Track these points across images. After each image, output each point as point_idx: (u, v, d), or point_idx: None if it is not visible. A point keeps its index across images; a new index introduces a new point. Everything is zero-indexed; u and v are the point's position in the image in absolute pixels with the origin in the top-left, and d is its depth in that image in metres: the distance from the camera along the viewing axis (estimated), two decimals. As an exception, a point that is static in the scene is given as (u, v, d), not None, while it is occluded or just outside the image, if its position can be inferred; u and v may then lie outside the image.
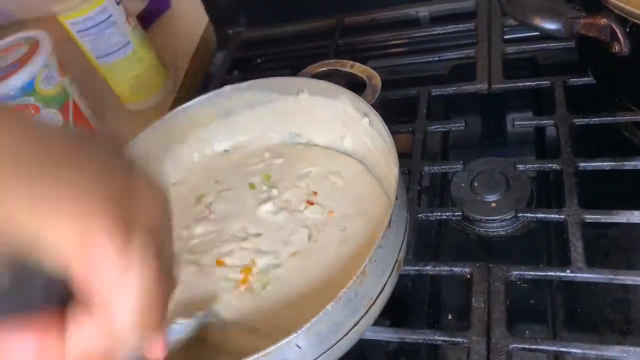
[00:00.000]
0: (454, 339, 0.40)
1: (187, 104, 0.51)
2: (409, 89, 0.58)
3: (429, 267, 0.44)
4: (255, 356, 0.31)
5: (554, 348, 0.38)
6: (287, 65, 0.71)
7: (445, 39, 0.65)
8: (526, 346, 0.38)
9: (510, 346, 0.38)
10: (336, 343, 0.35)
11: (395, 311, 0.47)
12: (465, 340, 0.39)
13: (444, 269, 0.44)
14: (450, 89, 0.58)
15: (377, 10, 0.70)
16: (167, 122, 0.51)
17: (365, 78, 0.48)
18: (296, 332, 0.32)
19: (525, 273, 0.42)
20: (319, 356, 0.35)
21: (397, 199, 0.37)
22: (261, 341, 0.33)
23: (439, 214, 0.48)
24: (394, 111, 0.58)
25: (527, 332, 0.43)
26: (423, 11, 0.68)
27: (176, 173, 0.53)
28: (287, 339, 0.32)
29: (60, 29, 0.66)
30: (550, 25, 0.44)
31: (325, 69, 0.51)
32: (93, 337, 0.23)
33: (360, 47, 0.69)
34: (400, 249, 0.39)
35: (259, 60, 0.76)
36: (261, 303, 0.41)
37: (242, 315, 0.41)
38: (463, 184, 0.51)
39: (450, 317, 0.46)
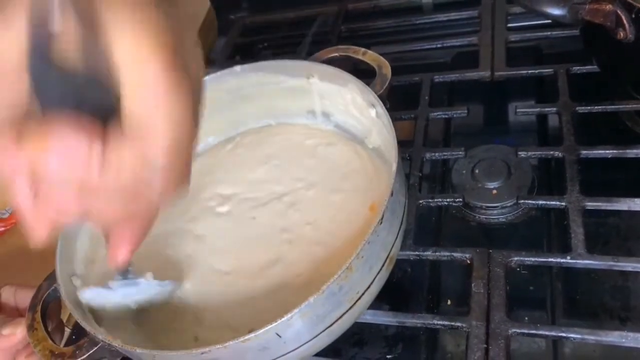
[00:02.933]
0: (453, 324, 0.40)
1: None
2: (412, 76, 0.58)
3: (429, 252, 0.44)
4: (235, 342, 0.31)
5: (553, 333, 0.38)
6: (289, 51, 0.71)
7: (448, 26, 0.65)
8: (525, 331, 0.38)
9: (510, 331, 0.38)
10: (318, 335, 0.35)
11: (395, 296, 0.47)
12: (464, 325, 0.39)
13: (444, 255, 0.44)
14: (453, 76, 0.57)
15: (380, -4, 0.70)
16: None
17: (375, 67, 0.47)
18: (276, 322, 0.32)
19: (526, 259, 0.42)
20: (300, 346, 0.35)
21: (392, 195, 0.36)
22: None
23: (440, 200, 0.48)
24: (396, 98, 0.58)
25: (526, 318, 0.43)
26: (426, -2, 0.67)
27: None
28: (266, 327, 0.32)
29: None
30: (555, 11, 0.44)
31: (336, 54, 0.50)
32: (127, 155, 0.24)
33: (363, 34, 0.69)
34: (393, 244, 0.38)
35: (260, 46, 0.76)
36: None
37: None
38: (464, 171, 0.51)
39: (449, 302, 0.46)
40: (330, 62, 0.48)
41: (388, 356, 0.44)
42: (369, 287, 0.36)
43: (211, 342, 0.32)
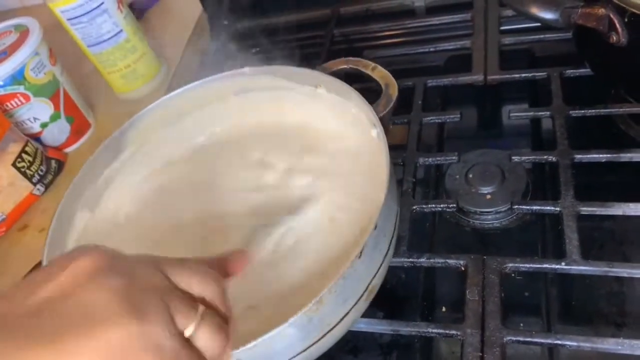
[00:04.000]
0: (448, 332, 0.39)
1: (206, 79, 0.51)
2: (405, 80, 0.58)
3: (423, 259, 0.44)
4: None
5: (548, 341, 0.38)
6: (281, 55, 0.70)
7: (441, 29, 0.65)
8: (520, 338, 0.38)
9: (505, 339, 0.38)
10: None
11: (389, 303, 0.47)
12: (459, 333, 0.39)
13: (438, 261, 0.44)
14: (446, 80, 0.57)
15: (372, 0, 0.69)
16: (183, 95, 0.51)
17: (382, 85, 0.47)
18: (238, 349, 0.31)
19: (520, 265, 0.42)
20: None
21: (375, 228, 0.35)
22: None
23: (434, 205, 0.48)
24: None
25: (522, 324, 0.42)
26: (419, 1, 0.67)
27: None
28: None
29: (51, 16, 0.65)
30: (547, 15, 0.44)
31: (345, 66, 0.50)
32: None
33: (356, 38, 0.69)
34: (375, 275, 0.37)
35: (252, 50, 0.75)
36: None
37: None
38: (458, 176, 0.50)
39: (444, 309, 0.46)
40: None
41: (383, 364, 0.44)
42: (342, 318, 0.36)
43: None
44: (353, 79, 0.49)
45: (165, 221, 0.47)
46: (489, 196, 0.48)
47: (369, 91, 0.49)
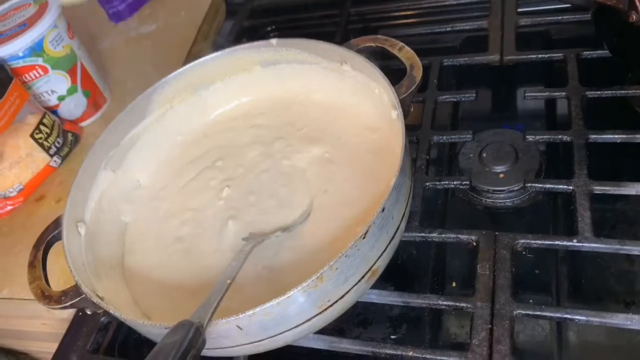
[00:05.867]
0: (458, 304, 0.40)
1: (232, 48, 0.52)
2: (421, 59, 0.57)
3: (434, 234, 0.44)
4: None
5: (557, 315, 0.38)
6: (297, 34, 0.70)
7: (458, 10, 0.65)
8: (530, 312, 0.39)
9: (514, 312, 0.38)
10: (281, 333, 0.36)
11: (400, 277, 0.47)
12: (469, 305, 0.40)
13: (450, 236, 0.44)
14: (462, 60, 0.57)
15: (389, -21, 0.69)
16: (207, 64, 0.52)
17: (407, 66, 0.46)
18: (238, 315, 0.32)
19: (532, 242, 0.42)
20: (261, 340, 0.36)
21: (382, 210, 0.35)
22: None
23: (447, 182, 0.48)
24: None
25: (531, 300, 0.43)
26: (436, -19, 0.67)
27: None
28: (230, 318, 0.32)
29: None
30: (567, -7, 0.44)
31: (373, 44, 0.49)
32: None
33: (372, 17, 0.69)
34: (379, 257, 0.37)
35: (268, 29, 0.75)
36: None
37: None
38: (472, 155, 0.51)
39: (454, 284, 0.46)
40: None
41: (392, 336, 0.45)
42: (342, 296, 0.36)
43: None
44: (377, 56, 0.49)
45: (183, 187, 0.48)
46: (502, 175, 0.48)
47: (392, 69, 0.49)
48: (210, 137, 0.52)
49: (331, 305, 0.36)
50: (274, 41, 0.50)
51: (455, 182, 0.48)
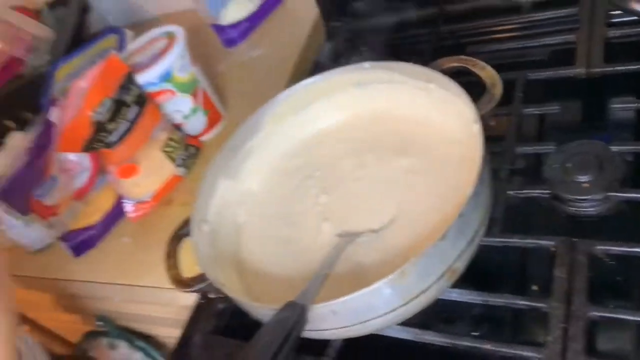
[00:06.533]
0: (534, 304, 0.43)
1: (330, 71, 0.58)
2: (507, 73, 0.61)
3: (515, 240, 0.48)
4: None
5: (635, 318, 0.40)
6: (390, 52, 0.76)
7: (546, 24, 0.66)
8: (606, 315, 0.41)
9: (590, 313, 0.41)
10: (369, 320, 0.41)
11: (483, 281, 0.51)
12: (545, 305, 0.42)
13: (529, 242, 0.47)
14: (547, 73, 0.59)
15: (478, -2, 0.72)
16: (309, 86, 0.59)
17: (488, 84, 0.51)
18: (334, 301, 0.38)
19: (610, 248, 0.44)
20: (352, 325, 0.41)
21: (460, 216, 0.40)
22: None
23: (528, 192, 0.51)
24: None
25: (611, 305, 0.44)
26: (525, -3, 0.69)
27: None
28: (327, 303, 0.39)
29: (190, 21, 0.77)
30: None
31: (457, 64, 0.55)
32: None
33: (461, 34, 0.72)
34: (457, 258, 0.42)
35: (363, 49, 0.81)
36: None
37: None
38: (556, 165, 0.53)
39: (536, 288, 0.49)
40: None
41: (473, 333, 0.48)
42: (424, 291, 0.41)
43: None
44: (462, 72, 0.54)
45: (287, 193, 0.56)
46: (585, 184, 0.50)
47: (475, 85, 0.53)
48: (310, 150, 0.60)
49: (414, 298, 0.41)
50: (366, 64, 0.56)
51: (537, 191, 0.51)
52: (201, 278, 0.47)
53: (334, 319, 0.40)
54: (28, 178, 0.63)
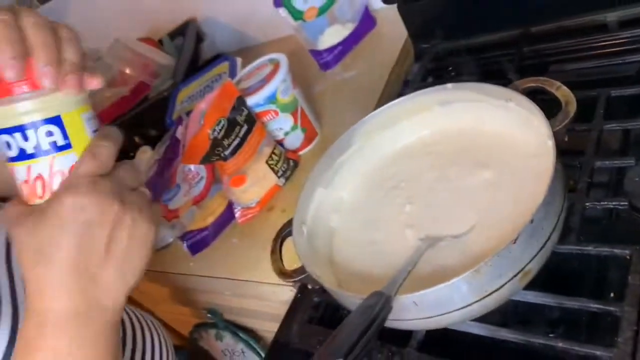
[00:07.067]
0: (607, 307, 0.46)
1: (415, 92, 0.65)
2: (589, 91, 0.63)
3: (590, 248, 0.50)
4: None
5: None
6: (475, 72, 0.81)
7: (632, 42, 0.68)
8: (678, 320, 0.43)
9: (661, 318, 0.43)
10: (447, 313, 0.47)
11: (559, 287, 0.54)
12: (617, 310, 0.45)
13: (604, 250, 0.50)
14: (630, 90, 0.61)
15: (564, 18, 0.75)
16: (397, 106, 0.65)
17: (563, 102, 0.54)
18: (416, 293, 0.44)
19: (685, 258, 0.46)
20: (430, 317, 0.47)
21: (531, 222, 0.44)
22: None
23: (606, 203, 0.53)
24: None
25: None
26: (611, 16, 0.70)
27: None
28: (409, 294, 0.45)
29: (289, 46, 0.86)
30: None
31: (534, 84, 0.59)
32: None
33: (545, 53, 0.75)
34: (530, 261, 0.45)
35: (449, 69, 0.87)
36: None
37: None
38: (637, 178, 0.55)
39: (612, 295, 0.51)
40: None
41: (550, 335, 0.51)
42: (497, 289, 0.46)
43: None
44: (540, 91, 0.58)
45: (375, 202, 0.63)
46: (665, 198, 0.52)
47: (554, 103, 0.57)
48: (396, 163, 0.66)
49: (488, 295, 0.46)
50: (449, 85, 0.62)
51: (613, 203, 0.53)
52: (301, 271, 0.55)
53: (415, 310, 0.46)
54: (159, 185, 0.75)
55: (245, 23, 1.24)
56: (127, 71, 1.15)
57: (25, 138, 0.39)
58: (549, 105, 0.56)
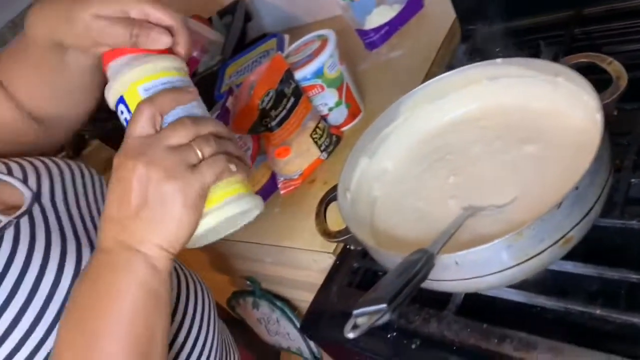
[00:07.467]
0: (647, 278, 0.46)
1: (464, 67, 0.66)
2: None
3: (633, 222, 0.51)
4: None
5: None
6: (523, 54, 0.80)
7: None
8: None
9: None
10: (487, 275, 0.48)
11: (599, 260, 0.54)
12: (658, 280, 0.46)
13: (647, 224, 0.50)
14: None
15: (616, 0, 0.74)
16: (444, 79, 0.67)
17: (614, 77, 0.54)
18: (458, 252, 0.45)
19: None
20: (471, 278, 0.48)
21: (576, 189, 0.44)
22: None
23: (653, 178, 0.54)
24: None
25: None
26: (667, -2, 0.69)
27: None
28: (451, 254, 0.46)
29: (337, 27, 0.88)
30: None
31: (585, 60, 0.58)
32: None
33: (596, 35, 0.74)
34: (573, 228, 0.46)
35: (497, 49, 0.86)
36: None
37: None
38: (684, 158, 0.55)
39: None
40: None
41: (588, 307, 0.52)
42: (538, 254, 0.46)
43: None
44: (592, 70, 0.57)
45: (419, 172, 0.64)
46: None
47: (605, 82, 0.57)
48: (442, 136, 0.67)
49: (528, 260, 0.47)
50: (498, 60, 0.62)
51: (660, 180, 0.53)
52: (345, 232, 0.57)
53: (456, 269, 0.48)
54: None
55: (292, 3, 1.26)
56: (178, 46, 1.19)
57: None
58: (598, 83, 0.56)
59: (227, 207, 0.47)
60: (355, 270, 0.67)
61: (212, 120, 0.49)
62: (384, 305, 0.40)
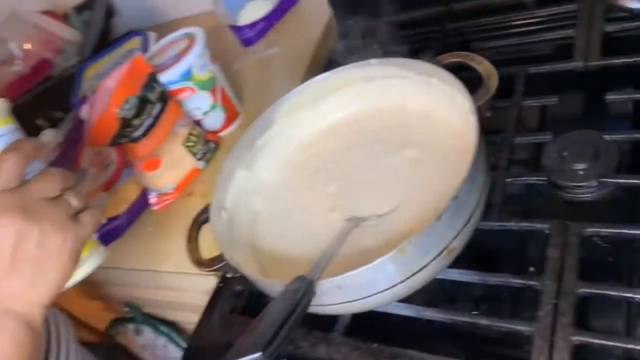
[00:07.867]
0: (528, 282, 0.46)
1: (339, 68, 0.62)
2: (508, 68, 0.63)
3: (512, 224, 0.51)
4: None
5: (625, 294, 0.43)
6: (400, 50, 0.79)
7: (548, 20, 0.69)
8: (595, 291, 0.43)
9: (579, 290, 0.44)
10: (372, 295, 0.45)
11: (482, 264, 0.54)
12: (538, 284, 0.45)
13: (524, 225, 0.50)
14: (546, 67, 0.62)
15: (484, -5, 0.75)
16: (319, 82, 0.63)
17: (485, 77, 0.54)
18: (339, 276, 0.42)
19: (600, 230, 0.47)
20: (356, 300, 0.45)
21: (455, 198, 0.43)
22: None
23: (526, 179, 0.54)
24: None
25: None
26: (528, -6, 0.71)
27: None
28: (333, 278, 0.43)
29: (211, 22, 0.81)
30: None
31: (456, 59, 0.58)
32: None
33: (467, 31, 0.75)
34: (454, 238, 0.45)
35: (374, 46, 0.85)
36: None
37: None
38: (554, 154, 0.55)
39: (532, 269, 0.52)
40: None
41: (474, 312, 0.51)
42: (422, 268, 0.44)
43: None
44: (465, 67, 0.57)
45: (299, 183, 0.60)
46: (581, 172, 0.53)
47: (475, 80, 0.56)
48: (321, 142, 0.63)
49: (413, 275, 0.44)
50: (373, 61, 0.60)
51: (533, 178, 0.54)
52: (219, 259, 0.51)
53: (340, 293, 0.44)
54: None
55: (160, -3, 1.16)
56: (27, 47, 1.04)
57: None
58: (471, 81, 0.55)
59: (96, 255, 0.51)
60: (238, 293, 0.61)
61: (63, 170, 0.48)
62: (258, 354, 0.35)
